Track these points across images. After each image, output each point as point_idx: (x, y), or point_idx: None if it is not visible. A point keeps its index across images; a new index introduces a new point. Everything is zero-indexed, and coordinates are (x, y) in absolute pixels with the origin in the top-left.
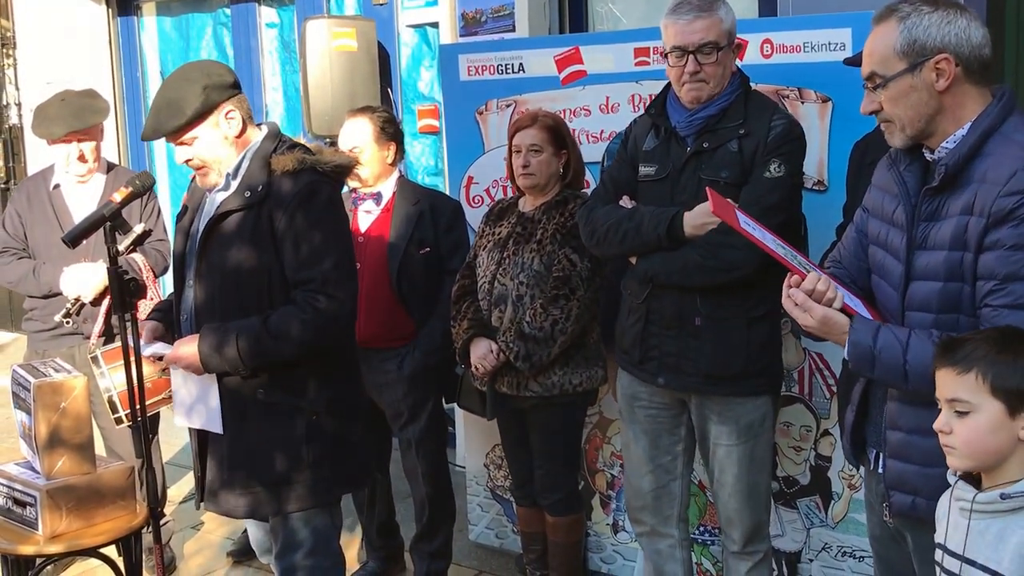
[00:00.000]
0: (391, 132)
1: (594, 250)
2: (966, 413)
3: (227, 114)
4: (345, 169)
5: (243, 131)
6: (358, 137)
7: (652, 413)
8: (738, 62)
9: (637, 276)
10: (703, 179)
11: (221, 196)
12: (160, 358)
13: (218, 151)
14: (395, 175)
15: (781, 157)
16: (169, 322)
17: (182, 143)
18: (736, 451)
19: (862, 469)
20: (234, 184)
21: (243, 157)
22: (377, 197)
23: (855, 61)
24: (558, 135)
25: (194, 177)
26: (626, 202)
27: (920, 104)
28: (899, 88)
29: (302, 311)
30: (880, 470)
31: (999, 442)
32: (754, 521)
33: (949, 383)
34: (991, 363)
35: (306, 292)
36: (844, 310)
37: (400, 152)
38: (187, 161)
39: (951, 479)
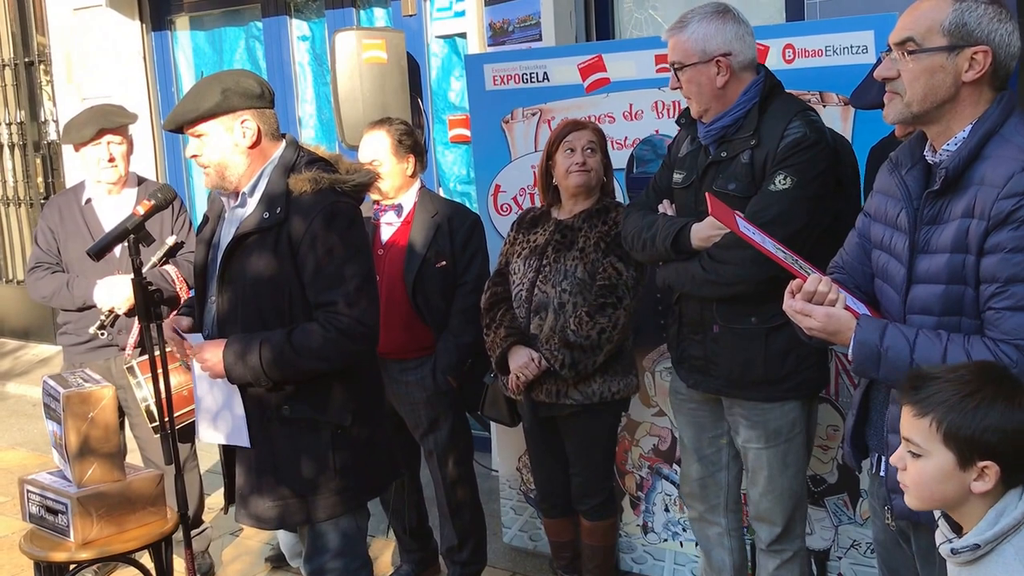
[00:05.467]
0: (409, 144)
1: (631, 255)
2: (919, 455)
3: (242, 122)
4: (364, 187)
5: (257, 143)
6: (376, 150)
7: (692, 407)
8: None
9: (658, 282)
10: (715, 191)
11: (240, 212)
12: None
13: (224, 156)
14: (416, 187)
15: (788, 168)
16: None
17: (192, 135)
18: (765, 455)
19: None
20: (251, 202)
21: (260, 174)
22: (398, 209)
23: (863, 104)
24: (604, 141)
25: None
26: (666, 207)
27: (939, 87)
28: (929, 63)
29: (326, 329)
30: (882, 474)
31: (946, 491)
32: (783, 522)
33: (906, 422)
34: (948, 410)
35: (329, 312)
36: (847, 311)
37: (421, 164)
38: (193, 156)
39: (936, 514)
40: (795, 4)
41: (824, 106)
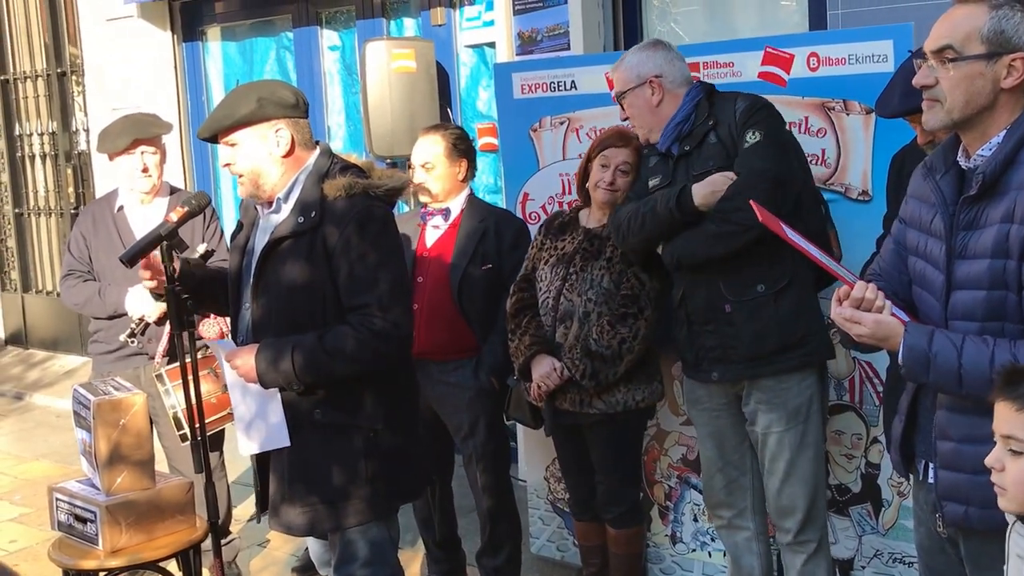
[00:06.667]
0: (463, 149)
1: (624, 246)
2: (1021, 453)
3: (277, 131)
4: (397, 191)
5: (291, 152)
6: (430, 153)
7: (714, 414)
8: (786, 76)
9: (666, 261)
10: (695, 175)
11: (275, 218)
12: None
13: (258, 164)
14: (465, 192)
15: (754, 126)
16: (203, 276)
17: (226, 143)
18: (787, 437)
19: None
20: (286, 208)
21: (295, 181)
22: (446, 213)
23: (886, 112)
24: (639, 159)
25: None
26: None
27: (979, 94)
28: (969, 71)
29: (357, 331)
30: (931, 480)
31: None
32: (807, 506)
33: (1007, 418)
34: None
35: (363, 315)
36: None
37: (472, 169)
38: (226, 165)
39: (1009, 518)
40: (818, 15)
41: (848, 114)
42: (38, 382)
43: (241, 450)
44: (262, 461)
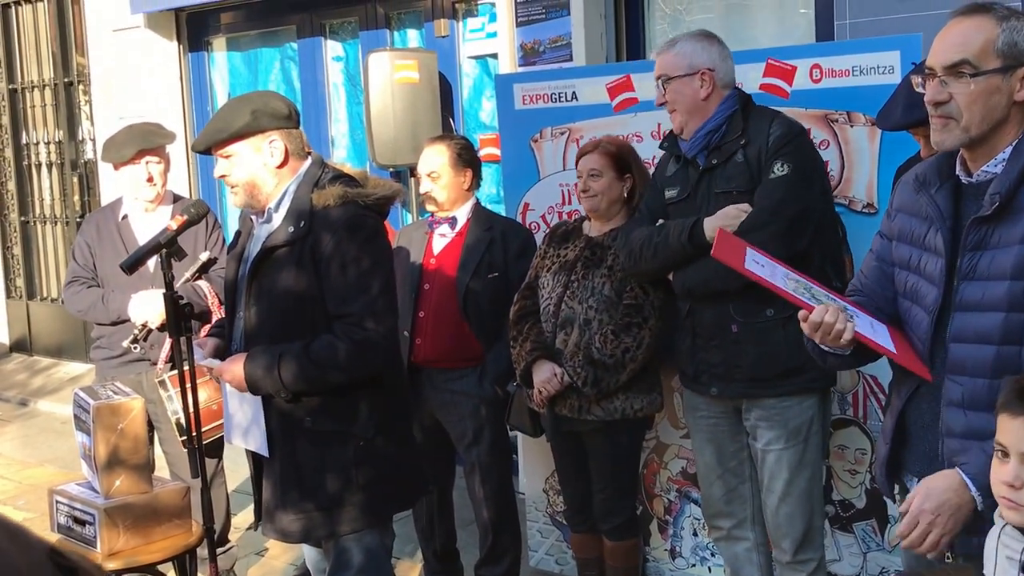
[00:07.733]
0: (467, 158)
1: (633, 271)
2: None
3: (271, 142)
4: (388, 200)
5: (284, 162)
6: (435, 162)
7: (712, 422)
8: (788, 87)
9: (677, 290)
10: (717, 193)
11: (266, 228)
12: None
13: (253, 175)
14: (471, 201)
15: (783, 157)
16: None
17: (221, 155)
18: (785, 455)
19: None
20: (276, 217)
21: (286, 191)
22: (452, 222)
23: (888, 125)
24: (620, 160)
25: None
26: None
27: (995, 108)
28: (986, 85)
29: (343, 341)
30: None
31: None
32: (805, 527)
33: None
34: None
35: (348, 324)
36: (856, 339)
37: (477, 179)
38: (221, 176)
39: (998, 521)
40: (825, 26)
41: (852, 126)
42: (42, 388)
43: (233, 441)
44: (260, 469)
